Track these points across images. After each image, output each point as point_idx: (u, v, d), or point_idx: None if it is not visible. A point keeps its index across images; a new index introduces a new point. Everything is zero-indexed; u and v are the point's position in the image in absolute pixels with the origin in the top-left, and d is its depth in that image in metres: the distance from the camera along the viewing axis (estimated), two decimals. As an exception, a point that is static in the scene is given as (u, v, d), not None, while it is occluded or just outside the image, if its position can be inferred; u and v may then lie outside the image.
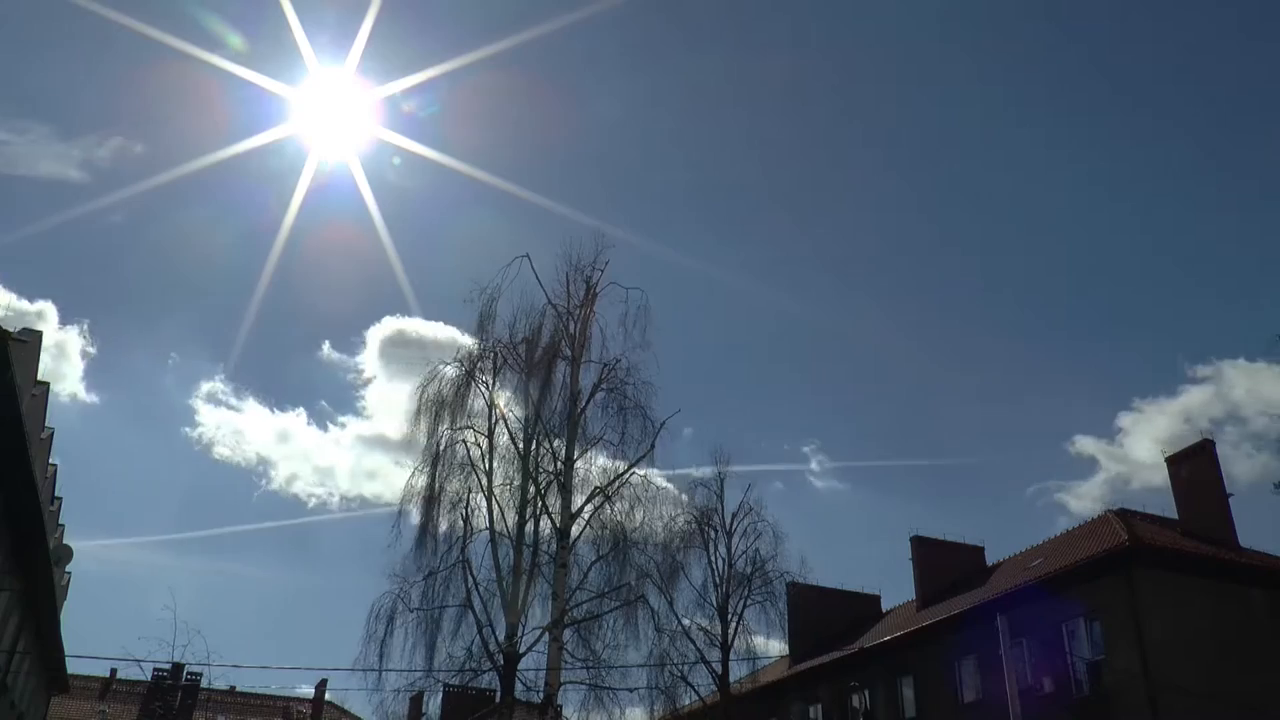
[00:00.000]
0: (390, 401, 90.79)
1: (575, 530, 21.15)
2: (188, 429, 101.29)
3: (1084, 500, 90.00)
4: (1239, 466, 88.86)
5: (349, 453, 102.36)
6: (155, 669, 36.45)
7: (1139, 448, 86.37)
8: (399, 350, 77.68)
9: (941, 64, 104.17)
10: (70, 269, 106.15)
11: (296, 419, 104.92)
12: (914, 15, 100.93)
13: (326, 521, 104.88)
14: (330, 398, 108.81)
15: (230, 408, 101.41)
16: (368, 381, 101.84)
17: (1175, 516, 26.66)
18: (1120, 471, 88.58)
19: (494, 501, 21.38)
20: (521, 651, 20.06)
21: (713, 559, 28.47)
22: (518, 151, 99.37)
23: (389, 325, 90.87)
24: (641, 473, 21.98)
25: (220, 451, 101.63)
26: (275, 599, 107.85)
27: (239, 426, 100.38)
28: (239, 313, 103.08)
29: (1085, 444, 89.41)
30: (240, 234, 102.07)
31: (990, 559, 32.84)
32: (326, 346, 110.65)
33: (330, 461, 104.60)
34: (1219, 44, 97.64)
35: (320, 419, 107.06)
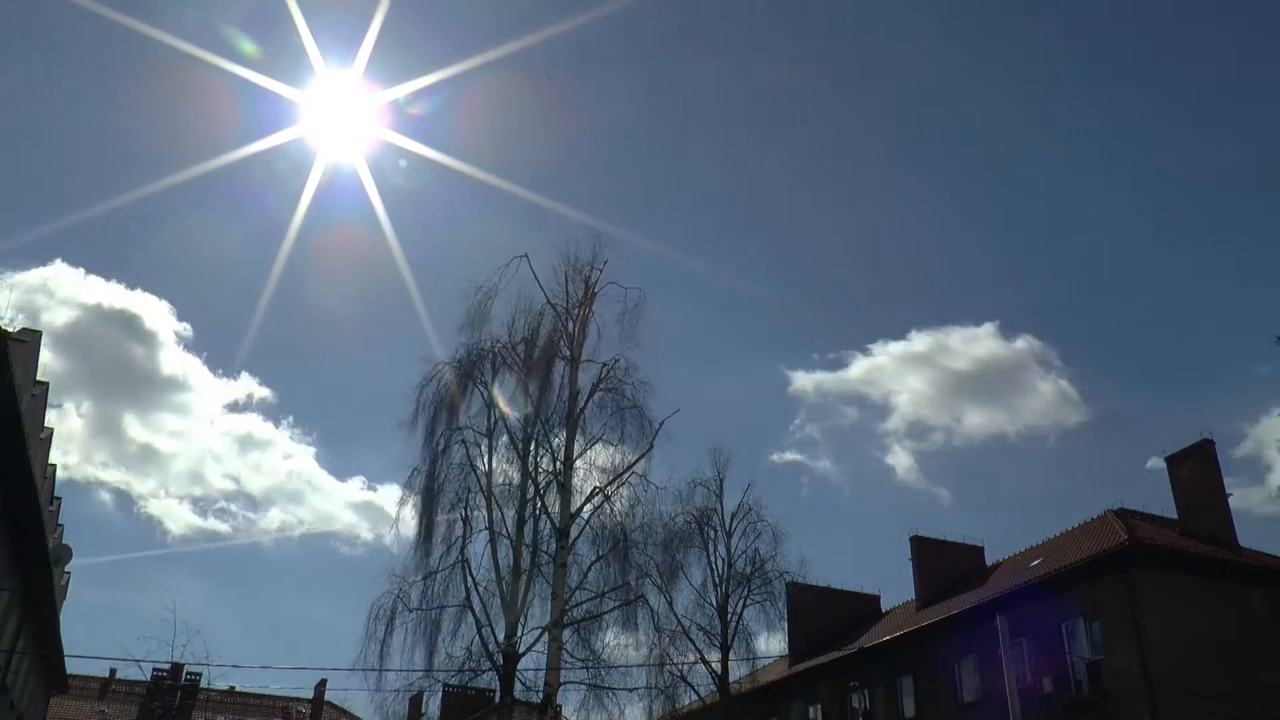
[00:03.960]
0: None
1: (575, 530, 21.13)
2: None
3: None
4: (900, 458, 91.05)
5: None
6: (155, 669, 36.50)
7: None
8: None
9: (945, 66, 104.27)
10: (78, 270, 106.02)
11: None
12: (917, 19, 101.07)
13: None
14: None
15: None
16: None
17: (1175, 516, 26.67)
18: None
19: (493, 501, 21.36)
20: (521, 651, 20.04)
21: (712, 559, 28.47)
22: (523, 153, 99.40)
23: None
24: (641, 472, 21.97)
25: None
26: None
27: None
28: (246, 313, 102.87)
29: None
30: (248, 235, 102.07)
31: (990, 559, 32.83)
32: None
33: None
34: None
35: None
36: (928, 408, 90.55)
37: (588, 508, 21.50)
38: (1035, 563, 27.58)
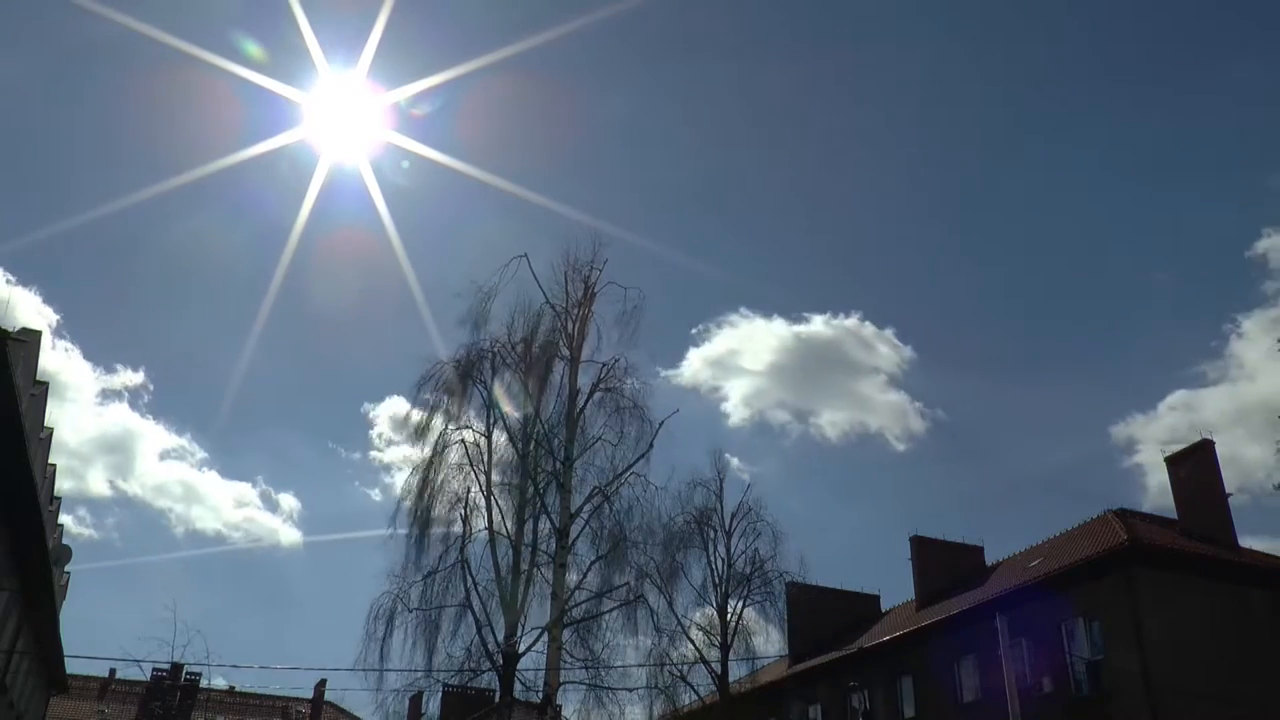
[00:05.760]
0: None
1: (574, 530, 21.12)
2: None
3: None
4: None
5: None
6: (154, 669, 36.61)
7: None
8: None
9: (946, 67, 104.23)
10: (80, 271, 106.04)
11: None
12: (919, 20, 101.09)
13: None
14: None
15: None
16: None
17: (1175, 516, 26.68)
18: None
19: (493, 501, 21.35)
20: (521, 651, 20.02)
21: (712, 559, 28.46)
22: (525, 154, 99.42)
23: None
24: (640, 472, 21.94)
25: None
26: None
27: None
28: (250, 315, 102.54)
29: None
30: (252, 236, 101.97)
31: (989, 559, 32.82)
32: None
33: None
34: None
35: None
36: (761, 408, 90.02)
37: (587, 508, 21.51)
38: (1035, 563, 27.58)
